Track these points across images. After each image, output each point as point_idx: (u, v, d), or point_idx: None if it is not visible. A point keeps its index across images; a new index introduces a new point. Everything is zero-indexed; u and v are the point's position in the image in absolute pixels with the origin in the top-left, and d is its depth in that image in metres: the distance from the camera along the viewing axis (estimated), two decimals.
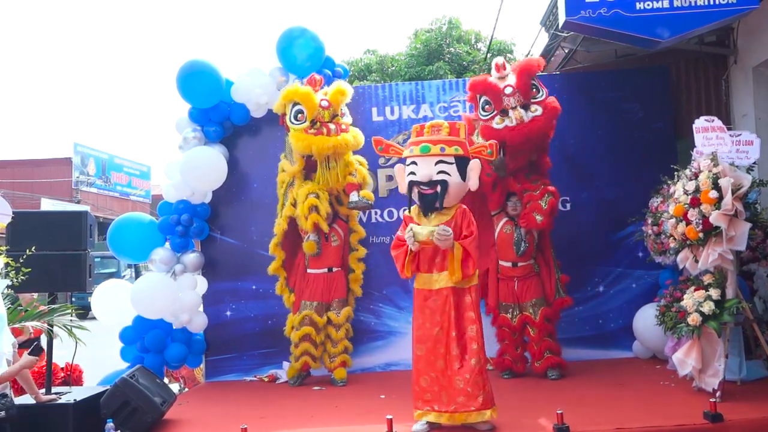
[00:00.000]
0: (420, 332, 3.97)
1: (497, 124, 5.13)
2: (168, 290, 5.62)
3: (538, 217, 5.14)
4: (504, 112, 5.14)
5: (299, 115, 5.41)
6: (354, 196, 5.52)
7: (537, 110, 5.10)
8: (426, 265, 3.99)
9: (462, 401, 3.80)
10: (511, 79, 5.20)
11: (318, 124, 5.37)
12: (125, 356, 5.77)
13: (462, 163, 4.05)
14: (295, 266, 5.80)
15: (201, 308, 5.98)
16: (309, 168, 5.63)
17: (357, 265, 5.73)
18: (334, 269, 5.63)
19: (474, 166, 4.09)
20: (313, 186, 5.48)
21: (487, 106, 5.24)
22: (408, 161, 4.13)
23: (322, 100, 5.39)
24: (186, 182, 5.80)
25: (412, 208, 4.15)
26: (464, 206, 4.14)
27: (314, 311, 5.51)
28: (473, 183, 4.10)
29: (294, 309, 5.65)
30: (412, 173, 4.05)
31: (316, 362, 5.56)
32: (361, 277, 5.74)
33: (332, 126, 5.38)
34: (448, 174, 3.98)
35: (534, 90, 5.18)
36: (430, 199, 3.99)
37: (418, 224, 4.00)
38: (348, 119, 5.66)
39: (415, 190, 4.05)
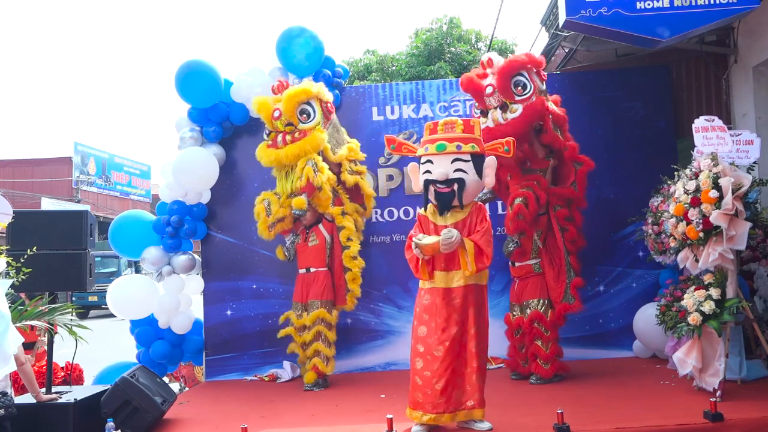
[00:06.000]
0: (438, 333, 3.82)
1: (483, 124, 4.86)
2: (143, 292, 5.63)
3: (510, 223, 5.01)
4: (484, 113, 5.04)
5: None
6: None
7: (517, 110, 4.86)
8: (444, 264, 3.90)
9: (476, 399, 3.80)
10: (492, 79, 5.04)
11: (272, 134, 5.40)
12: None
13: (478, 160, 3.98)
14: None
15: (188, 309, 5.95)
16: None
17: (352, 263, 5.46)
18: (312, 269, 5.53)
19: (490, 163, 4.01)
20: (269, 192, 5.51)
21: (476, 106, 5.18)
22: (423, 160, 4.01)
23: (274, 110, 5.32)
24: (178, 183, 5.81)
25: (427, 207, 4.07)
26: (479, 203, 4.12)
27: (301, 311, 5.48)
28: (489, 180, 4.02)
29: None
30: (428, 171, 3.94)
31: (327, 365, 5.32)
32: (359, 275, 5.51)
33: (279, 138, 5.31)
34: (465, 172, 3.91)
35: (519, 88, 4.92)
36: (447, 197, 3.93)
37: (434, 223, 3.98)
38: (310, 123, 5.33)
39: (432, 188, 3.95)
